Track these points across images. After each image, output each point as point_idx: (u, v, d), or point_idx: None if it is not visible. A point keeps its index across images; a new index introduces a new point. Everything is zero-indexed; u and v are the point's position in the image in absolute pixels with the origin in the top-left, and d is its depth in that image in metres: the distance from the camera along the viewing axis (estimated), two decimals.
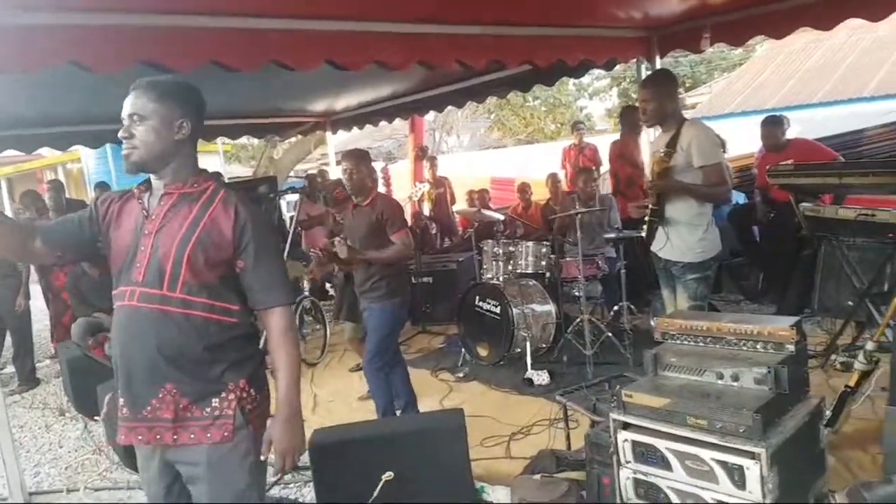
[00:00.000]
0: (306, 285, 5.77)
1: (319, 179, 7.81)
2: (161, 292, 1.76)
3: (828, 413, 2.99)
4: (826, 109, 9.49)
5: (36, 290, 6.22)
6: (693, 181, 3.23)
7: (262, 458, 1.80)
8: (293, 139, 10.72)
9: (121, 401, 1.85)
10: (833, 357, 4.13)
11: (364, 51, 3.89)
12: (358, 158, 3.73)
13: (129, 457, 3.69)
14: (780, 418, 2.12)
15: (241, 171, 17.38)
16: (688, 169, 3.22)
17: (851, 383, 3.09)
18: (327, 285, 6.10)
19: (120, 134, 1.78)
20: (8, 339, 5.69)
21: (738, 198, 6.25)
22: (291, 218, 5.74)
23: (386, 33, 3.92)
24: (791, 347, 2.20)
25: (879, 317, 3.69)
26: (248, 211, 1.83)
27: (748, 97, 11.44)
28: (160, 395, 1.78)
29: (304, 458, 2.82)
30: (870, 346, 3.11)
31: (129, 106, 1.78)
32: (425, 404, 4.10)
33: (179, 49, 3.25)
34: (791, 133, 5.70)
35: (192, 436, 1.79)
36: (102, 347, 5.53)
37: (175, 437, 1.78)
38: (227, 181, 7.82)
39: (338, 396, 4.72)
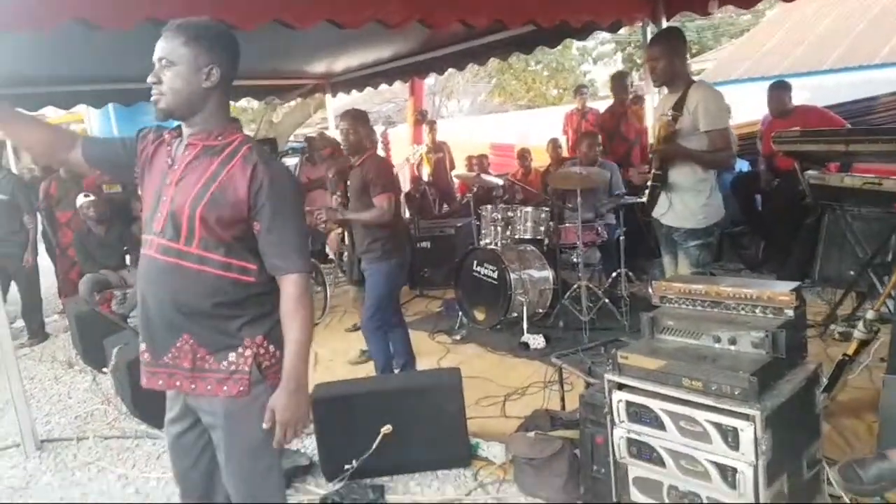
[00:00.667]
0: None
1: (319, 141, 7.75)
2: (178, 246, 1.74)
3: (825, 380, 3.02)
4: (836, 76, 9.36)
5: (42, 247, 6.25)
6: (698, 145, 3.18)
7: (264, 426, 1.73)
8: (293, 102, 10.62)
9: (142, 346, 1.86)
10: (832, 327, 4.14)
11: (364, 9, 3.83)
12: (355, 118, 3.72)
13: (136, 406, 3.80)
14: (776, 382, 2.13)
15: None
16: (693, 133, 3.17)
17: (850, 352, 3.11)
18: (326, 248, 6.10)
19: (149, 79, 1.72)
20: (17, 295, 5.73)
21: (742, 165, 6.20)
22: None
23: None
24: (790, 312, 2.20)
25: (881, 287, 3.69)
26: (268, 170, 1.74)
27: (756, 63, 11.26)
28: (178, 344, 1.78)
29: None
30: (870, 315, 3.12)
31: (158, 49, 1.71)
32: (423, 365, 4.14)
33: (181, 5, 3.18)
34: (800, 100, 5.64)
35: (209, 387, 1.79)
36: (109, 303, 5.58)
37: (193, 386, 1.79)
38: None
39: (338, 356, 4.77)
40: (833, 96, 6.87)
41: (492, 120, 16.05)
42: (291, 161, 7.76)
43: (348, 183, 3.88)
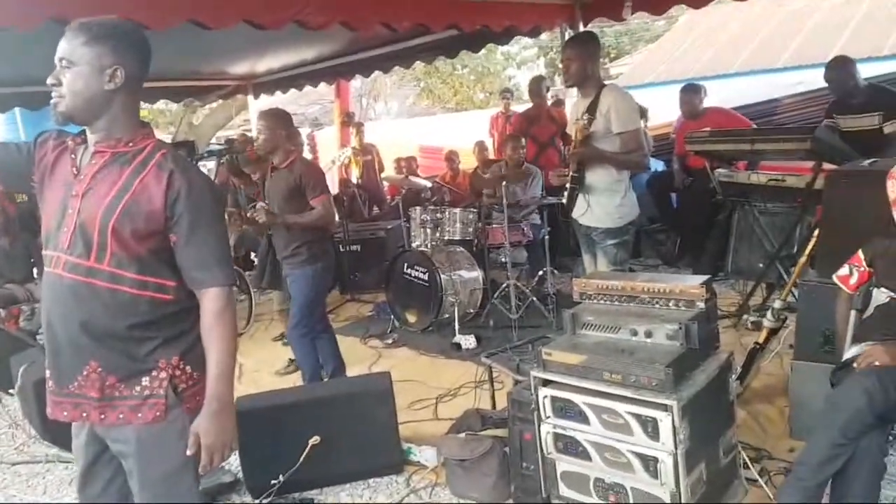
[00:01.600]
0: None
1: (241, 144, 7.55)
2: (88, 263, 1.61)
3: (738, 369, 3.17)
4: (742, 79, 9.87)
5: None
6: (611, 147, 3.28)
7: (188, 452, 1.63)
8: (213, 104, 10.30)
9: (48, 372, 1.72)
10: (745, 317, 4.35)
11: (283, 10, 3.77)
12: (274, 118, 3.57)
13: (46, 430, 3.57)
14: (690, 372, 2.22)
15: (160, 137, 16.58)
16: (607, 135, 3.27)
17: (760, 340, 3.27)
18: (252, 254, 5.95)
19: (48, 80, 1.59)
20: None
21: (657, 165, 6.45)
22: None
23: None
24: (701, 305, 2.29)
25: (787, 277, 3.91)
26: (185, 177, 1.63)
27: (669, 67, 11.75)
28: (84, 373, 1.64)
29: None
30: (778, 304, 3.30)
31: (59, 49, 1.58)
32: (354, 371, 4.07)
33: (88, 5, 3.03)
34: (709, 102, 5.90)
35: (121, 416, 1.66)
36: (16, 320, 5.23)
37: (102, 416, 1.66)
38: None
39: (263, 366, 4.65)
40: (739, 98, 7.24)
41: (420, 123, 16.06)
42: (209, 164, 7.51)
43: (267, 186, 3.77)
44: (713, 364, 2.33)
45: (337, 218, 6.66)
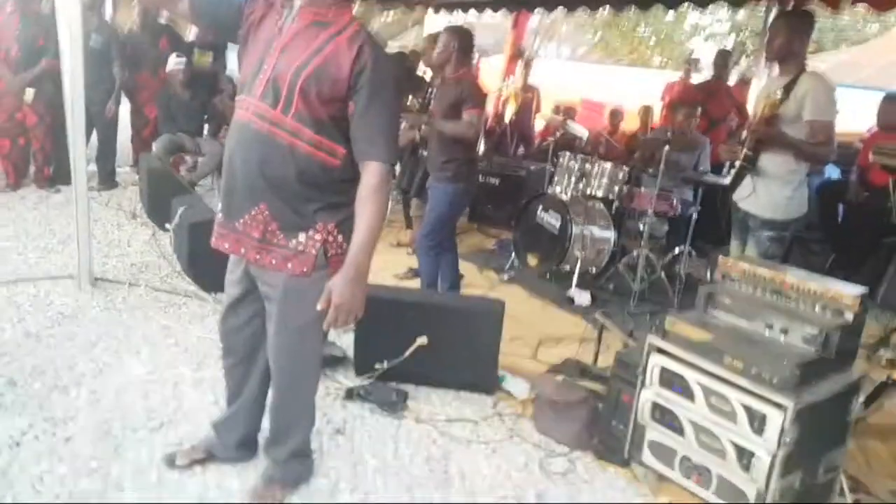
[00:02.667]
0: None
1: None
2: (274, 114, 1.75)
3: (862, 398, 2.97)
4: None
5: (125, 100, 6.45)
6: (797, 134, 3.05)
7: (319, 306, 1.72)
8: (392, 14, 10.51)
9: (219, 204, 1.93)
10: (881, 351, 4.03)
11: None
12: (452, 33, 3.69)
13: (191, 267, 3.94)
14: (817, 380, 2.12)
15: None
16: (796, 120, 3.04)
17: (895, 376, 3.04)
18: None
19: None
20: (94, 140, 5.96)
21: (833, 172, 5.94)
22: None
23: None
24: (849, 316, 2.16)
25: None
26: (373, 53, 1.72)
27: (875, 72, 10.54)
28: (253, 213, 1.82)
29: None
30: None
31: None
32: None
33: None
34: None
35: (274, 261, 1.83)
36: (178, 167, 5.79)
37: (258, 256, 1.84)
38: None
39: (387, 267, 4.86)
40: None
41: (587, 71, 15.52)
42: None
43: (433, 97, 3.88)
44: (842, 380, 2.21)
45: (483, 148, 6.74)
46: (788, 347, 2.14)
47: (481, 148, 6.68)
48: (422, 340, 2.88)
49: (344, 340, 3.30)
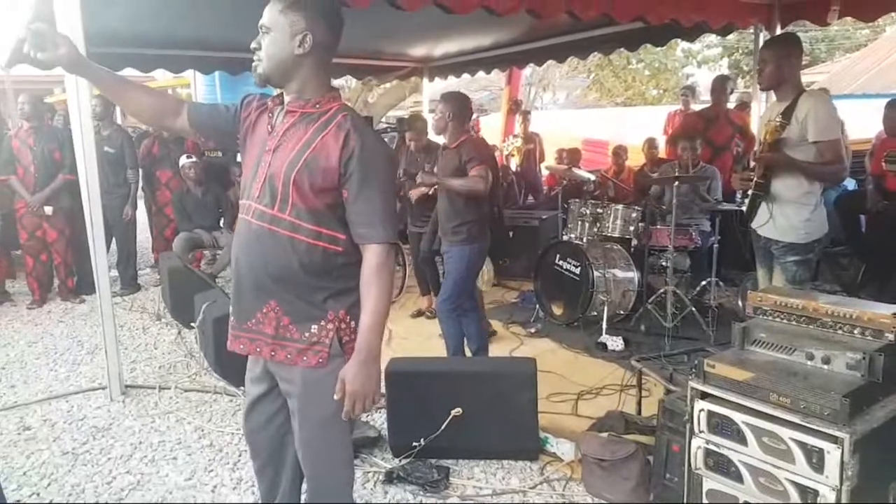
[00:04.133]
0: None
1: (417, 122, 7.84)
2: (272, 212, 1.77)
3: None
4: None
5: (142, 203, 6.61)
6: (805, 156, 3.04)
7: (335, 396, 1.73)
8: (388, 84, 10.80)
9: (231, 308, 1.94)
10: None
11: None
12: (448, 100, 3.73)
13: (218, 363, 3.95)
14: (869, 406, 2.02)
15: None
16: (801, 143, 3.03)
17: None
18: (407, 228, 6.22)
19: (252, 45, 1.78)
20: (113, 246, 6.09)
21: (849, 184, 5.88)
22: None
23: None
24: (891, 336, 2.08)
25: None
26: (360, 137, 1.75)
27: (872, 79, 10.60)
28: (264, 310, 1.82)
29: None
30: None
31: (262, 17, 1.77)
32: (495, 354, 4.15)
33: None
34: None
35: (289, 356, 1.82)
36: (199, 262, 5.87)
37: (273, 353, 1.83)
38: None
39: (412, 334, 4.85)
40: None
41: (586, 114, 15.76)
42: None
43: (437, 166, 3.93)
44: (895, 402, 2.11)
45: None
46: (833, 376, 2.06)
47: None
48: (456, 411, 2.83)
49: (377, 419, 3.25)
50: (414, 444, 2.87)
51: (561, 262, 5.08)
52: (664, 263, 4.73)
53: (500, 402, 2.90)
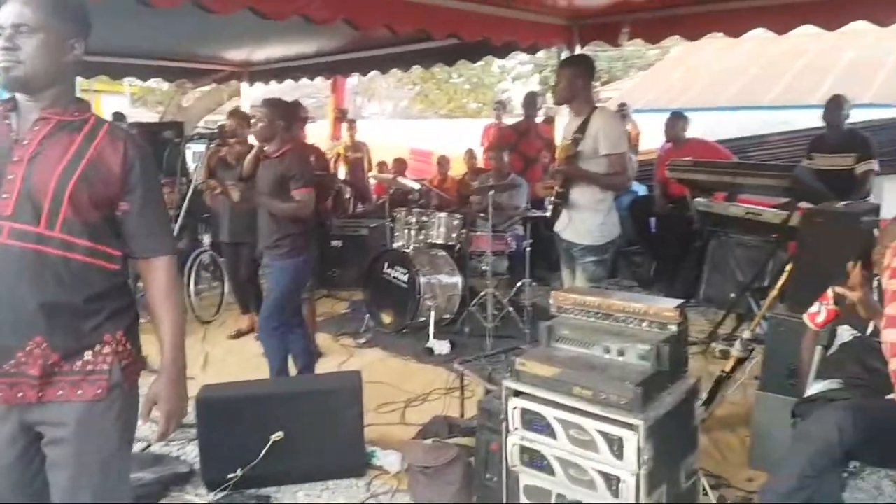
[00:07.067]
0: (206, 240, 5.57)
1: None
2: (37, 230, 1.55)
3: (704, 395, 3.22)
4: (728, 114, 10.05)
5: None
6: (598, 167, 3.36)
7: (143, 421, 1.68)
8: (206, 87, 10.23)
9: None
10: (713, 344, 4.43)
11: (289, 1, 3.76)
12: (275, 108, 3.59)
13: None
14: (658, 394, 2.24)
15: (147, 115, 16.40)
16: (594, 155, 3.35)
17: (727, 369, 3.33)
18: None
19: (2, 43, 1.55)
20: None
21: (640, 189, 6.55)
22: (196, 168, 5.49)
23: None
24: (674, 328, 2.33)
25: (757, 309, 3.99)
26: (136, 148, 1.68)
27: (659, 95, 11.92)
28: (27, 349, 1.57)
29: (190, 416, 2.75)
30: (746, 335, 3.36)
31: (13, 14, 1.56)
32: (324, 368, 4.08)
33: None
34: (697, 133, 6.02)
35: (61, 392, 1.60)
36: None
37: (41, 394, 1.58)
38: (129, 124, 7.39)
39: (231, 355, 4.61)
40: (725, 132, 7.39)
41: (412, 125, 16.08)
42: (196, 147, 7.44)
43: (257, 173, 3.76)
44: (681, 388, 2.35)
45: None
46: (628, 367, 2.26)
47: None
48: (276, 436, 2.70)
49: (189, 452, 3.03)
50: (230, 475, 2.69)
51: (389, 271, 5.13)
52: (484, 267, 4.95)
53: (325, 420, 2.83)
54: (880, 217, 3.23)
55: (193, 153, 8.74)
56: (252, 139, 4.17)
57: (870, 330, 2.40)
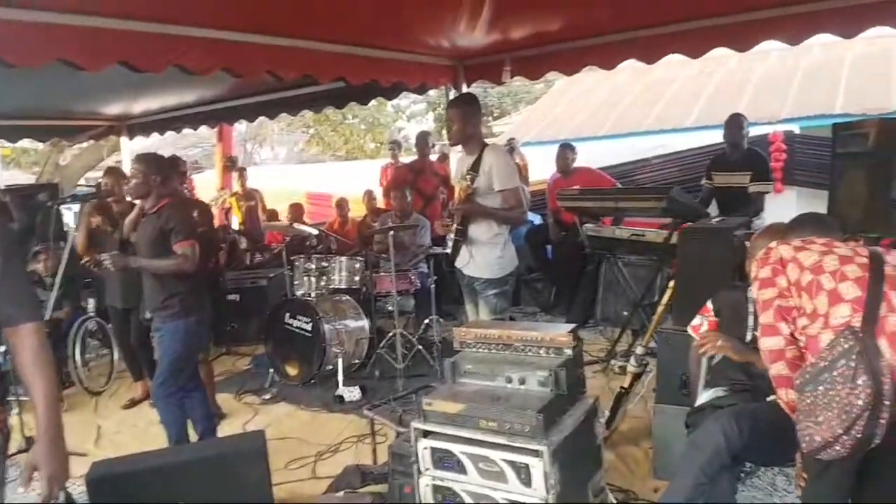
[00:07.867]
0: (91, 305, 5.24)
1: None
2: None
3: (607, 413, 3.33)
4: (610, 141, 10.62)
5: None
6: (493, 203, 3.46)
7: (23, 488, 1.63)
8: (84, 144, 9.74)
9: None
10: (612, 362, 4.59)
11: (163, 52, 3.66)
12: (148, 163, 3.48)
13: None
14: (559, 417, 2.31)
15: (23, 177, 15.35)
16: (489, 192, 3.45)
17: (626, 385, 3.47)
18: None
19: None
20: None
21: (535, 219, 6.78)
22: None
23: (189, 37, 3.73)
24: (569, 352, 2.42)
25: (649, 324, 4.19)
26: None
27: (545, 128, 12.42)
28: None
29: (81, 495, 2.55)
30: (640, 350, 3.52)
31: None
32: (228, 431, 3.90)
33: None
34: (581, 162, 6.32)
35: None
36: None
37: None
38: (2, 188, 6.92)
39: (124, 427, 4.32)
40: (610, 159, 7.80)
41: (308, 169, 15.93)
42: (74, 207, 7.01)
43: (136, 233, 3.61)
44: (580, 409, 2.44)
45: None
46: (529, 395, 2.32)
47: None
48: None
49: None
50: None
51: (292, 321, 5.00)
52: (390, 307, 4.93)
53: (229, 485, 2.67)
54: (752, 230, 3.50)
55: (74, 213, 8.26)
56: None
57: (748, 338, 2.57)
